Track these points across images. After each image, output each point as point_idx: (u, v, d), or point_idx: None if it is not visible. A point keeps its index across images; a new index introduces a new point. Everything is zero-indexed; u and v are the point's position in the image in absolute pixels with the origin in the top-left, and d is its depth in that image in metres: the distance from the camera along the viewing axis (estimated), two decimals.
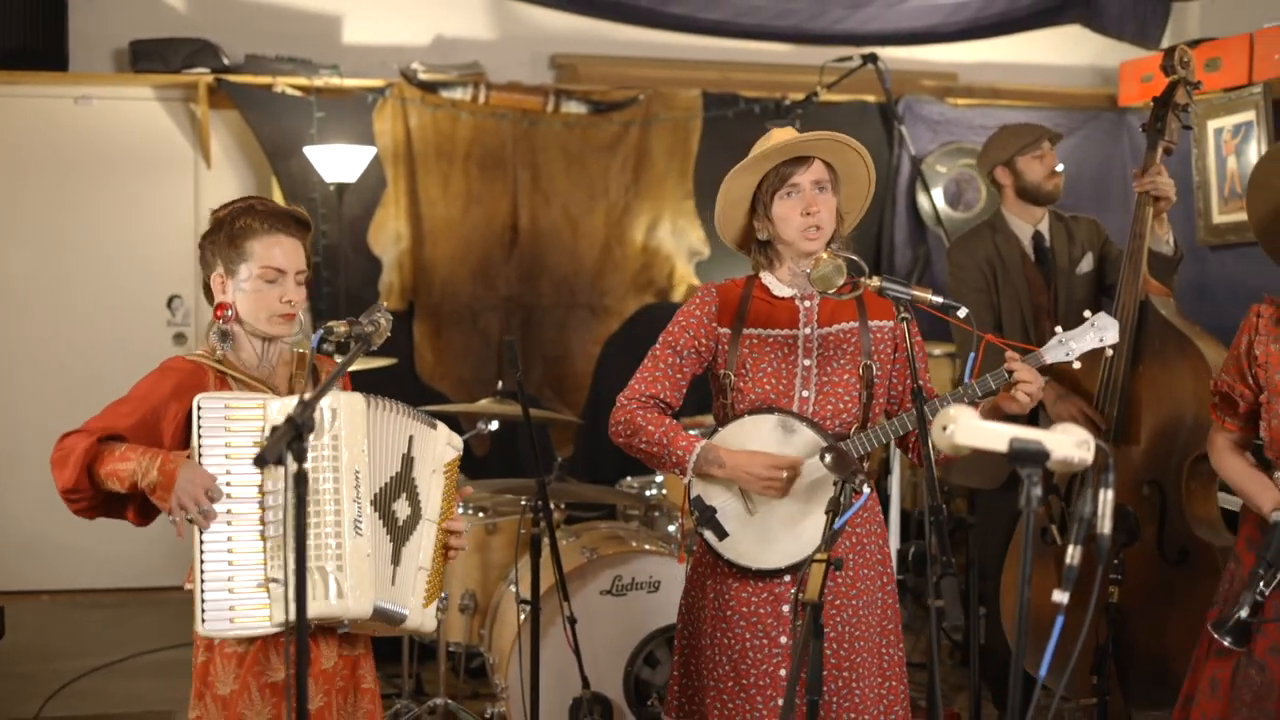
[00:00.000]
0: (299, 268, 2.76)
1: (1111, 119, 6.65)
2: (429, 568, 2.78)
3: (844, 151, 2.99)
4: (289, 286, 2.73)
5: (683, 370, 3.04)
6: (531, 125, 6.18)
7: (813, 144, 2.95)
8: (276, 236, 2.74)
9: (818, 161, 2.95)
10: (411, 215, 6.07)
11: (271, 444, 1.91)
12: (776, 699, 2.96)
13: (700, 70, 6.54)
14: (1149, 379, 4.11)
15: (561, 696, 3.99)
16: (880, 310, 3.05)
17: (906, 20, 6.52)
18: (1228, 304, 5.78)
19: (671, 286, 6.41)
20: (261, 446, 2.45)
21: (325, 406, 2.59)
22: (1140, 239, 4.14)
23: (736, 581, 3.00)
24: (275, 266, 2.72)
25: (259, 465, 1.92)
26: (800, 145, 2.94)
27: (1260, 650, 2.88)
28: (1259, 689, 2.87)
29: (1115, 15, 6.67)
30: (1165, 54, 4.27)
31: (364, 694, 2.84)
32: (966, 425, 1.90)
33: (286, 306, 2.72)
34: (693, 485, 3.00)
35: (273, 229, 2.74)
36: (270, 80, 5.89)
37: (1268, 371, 2.96)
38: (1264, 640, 2.87)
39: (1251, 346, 3.01)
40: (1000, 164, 4.66)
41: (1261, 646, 2.87)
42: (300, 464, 1.94)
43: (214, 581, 2.58)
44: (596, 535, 4.43)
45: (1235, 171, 5.70)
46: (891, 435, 2.96)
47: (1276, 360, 2.95)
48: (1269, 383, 2.95)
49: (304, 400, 2.02)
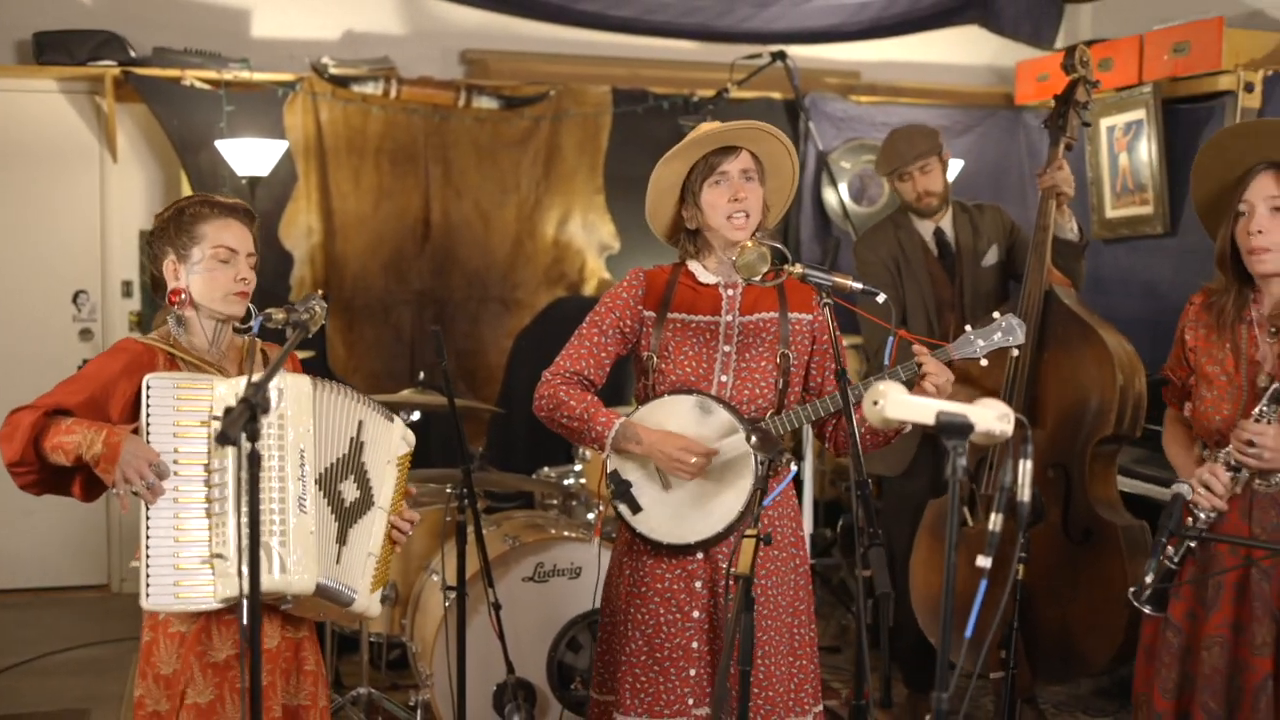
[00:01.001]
0: (249, 250, 2.87)
1: (1008, 116, 6.85)
2: (379, 554, 2.84)
3: (770, 143, 3.10)
4: (242, 266, 2.83)
5: (607, 349, 3.14)
6: (443, 120, 6.21)
7: (741, 133, 3.05)
8: (226, 220, 2.85)
9: (745, 151, 3.06)
10: (323, 209, 6.06)
11: (230, 422, 1.95)
12: (688, 670, 3.06)
13: (610, 67, 6.61)
14: (1053, 366, 4.27)
15: (485, 683, 4.05)
16: (800, 303, 3.17)
17: (811, 19, 6.65)
18: (1120, 296, 6.00)
19: (583, 280, 6.48)
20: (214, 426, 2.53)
21: (272, 386, 2.64)
22: (1044, 231, 4.30)
23: (650, 559, 3.10)
24: (228, 246, 2.82)
25: (221, 444, 1.96)
26: (729, 133, 3.04)
27: (1178, 615, 3.03)
28: (1176, 651, 3.02)
29: (1011, 17, 6.88)
30: (1066, 53, 4.44)
31: (306, 675, 2.89)
32: (896, 400, 2.00)
33: (241, 284, 2.82)
34: (611, 460, 3.10)
35: (222, 214, 2.86)
36: (179, 73, 5.84)
37: (1196, 356, 3.12)
38: (1181, 605, 3.02)
39: (1185, 333, 3.17)
40: (883, 176, 4.85)
41: (1179, 611, 3.02)
42: (253, 444, 1.98)
43: (159, 557, 2.61)
44: (517, 523, 4.48)
45: (1127, 168, 5.92)
46: (811, 417, 3.06)
47: (1204, 345, 3.10)
48: (1196, 366, 3.11)
49: (254, 381, 2.06)
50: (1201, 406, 3.07)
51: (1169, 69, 5.56)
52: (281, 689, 2.83)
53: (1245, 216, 2.96)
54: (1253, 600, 2.92)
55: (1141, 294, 5.93)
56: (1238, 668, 2.94)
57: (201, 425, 2.64)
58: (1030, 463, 2.03)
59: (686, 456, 3.00)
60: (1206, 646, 2.97)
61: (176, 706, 2.71)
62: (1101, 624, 4.09)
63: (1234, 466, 2.93)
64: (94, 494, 2.78)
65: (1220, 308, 3.05)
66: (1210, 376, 3.06)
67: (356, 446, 2.82)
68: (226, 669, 2.74)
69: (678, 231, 3.20)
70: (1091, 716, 4.88)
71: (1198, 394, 3.10)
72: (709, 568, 3.08)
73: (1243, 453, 2.89)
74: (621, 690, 3.10)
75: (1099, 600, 4.10)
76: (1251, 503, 2.96)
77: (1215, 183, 3.09)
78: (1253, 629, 2.91)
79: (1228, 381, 3.02)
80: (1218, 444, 3.03)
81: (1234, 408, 2.99)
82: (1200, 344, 3.12)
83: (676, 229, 3.21)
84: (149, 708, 2.73)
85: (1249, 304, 3.03)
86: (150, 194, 6.43)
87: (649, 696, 3.07)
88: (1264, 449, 2.86)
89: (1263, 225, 2.92)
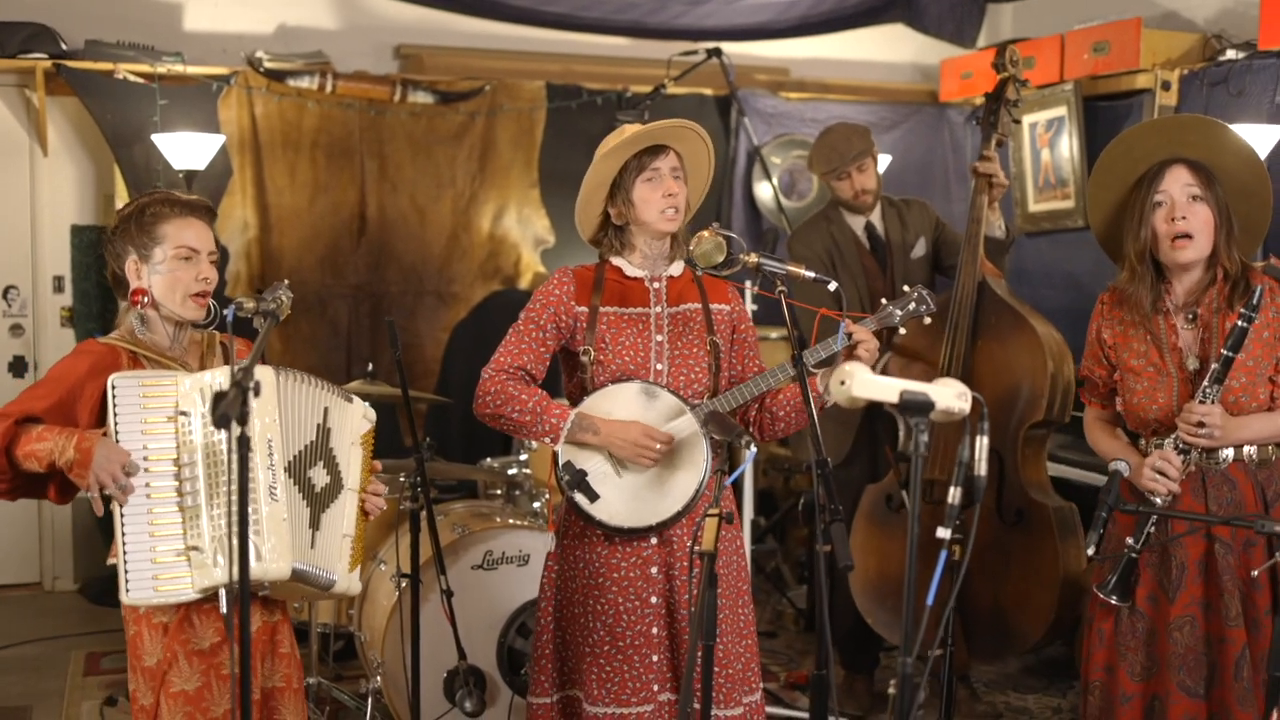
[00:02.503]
0: (210, 248, 2.89)
1: (933, 113, 7.01)
2: (354, 534, 2.89)
3: (694, 143, 3.23)
4: (204, 264, 2.85)
5: (546, 344, 3.20)
6: (378, 115, 6.23)
7: (669, 132, 3.16)
8: (187, 219, 2.87)
9: (673, 151, 3.18)
10: (258, 204, 6.06)
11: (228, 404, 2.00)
12: (651, 656, 3.14)
13: (543, 62, 6.67)
14: (987, 354, 4.41)
15: (436, 670, 4.10)
16: (718, 295, 3.30)
17: (741, 17, 6.77)
18: (1043, 287, 6.19)
19: (518, 274, 6.53)
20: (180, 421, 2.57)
21: None
22: (977, 224, 4.44)
23: (606, 549, 3.16)
24: (189, 245, 2.85)
25: (220, 426, 2.00)
26: (661, 132, 3.15)
27: (1140, 600, 3.14)
28: (1140, 635, 3.14)
29: (935, 16, 7.05)
30: (997, 52, 4.59)
31: (281, 658, 2.95)
32: (862, 379, 2.11)
33: (203, 284, 2.85)
34: (562, 452, 3.15)
35: (183, 213, 2.88)
36: (111, 67, 5.79)
37: (1118, 352, 3.23)
38: (1142, 590, 3.13)
39: (1100, 332, 3.29)
40: (819, 175, 4.97)
41: (1140, 595, 3.13)
42: (243, 426, 2.03)
43: (136, 552, 2.64)
44: (464, 512, 4.54)
45: (1049, 163, 6.10)
46: (753, 393, 3.15)
47: (1123, 340, 3.23)
48: (1120, 362, 3.23)
49: (243, 366, 2.11)
50: (1134, 399, 3.18)
51: (1089, 68, 5.74)
52: (260, 672, 2.89)
53: (1164, 206, 3.09)
54: (1220, 575, 3.04)
55: (1063, 285, 6.12)
56: (1213, 642, 3.06)
57: (169, 421, 2.67)
58: (986, 439, 2.14)
59: (651, 443, 3.07)
60: (1177, 627, 3.07)
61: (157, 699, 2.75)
62: (1033, 603, 4.24)
63: (1184, 449, 3.06)
64: (68, 496, 2.81)
65: (1136, 301, 3.17)
66: (1137, 370, 3.18)
67: (323, 433, 2.87)
68: (212, 655, 2.79)
69: (599, 232, 3.31)
70: (1021, 694, 5.03)
71: (1126, 388, 3.22)
72: (664, 552, 3.16)
73: (1194, 435, 3.02)
74: (589, 682, 3.15)
75: (1031, 579, 4.25)
76: (1205, 482, 3.09)
77: (1118, 181, 3.22)
78: (1224, 602, 3.03)
79: (1156, 372, 3.15)
80: (1154, 433, 3.16)
81: (1168, 396, 3.11)
82: (1119, 340, 3.24)
83: (599, 229, 3.31)
84: (140, 701, 2.77)
85: (1163, 295, 3.17)
86: (82, 188, 6.37)
87: (616, 686, 3.13)
88: (1214, 427, 2.99)
89: (1184, 212, 3.06)
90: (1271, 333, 3.06)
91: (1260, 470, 3.09)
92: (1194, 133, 3.15)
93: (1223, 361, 2.98)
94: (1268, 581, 3.03)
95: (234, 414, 1.97)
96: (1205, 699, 3.06)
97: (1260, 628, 3.01)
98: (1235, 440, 3.06)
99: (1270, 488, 3.09)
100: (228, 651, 2.78)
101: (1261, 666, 2.98)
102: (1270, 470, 3.09)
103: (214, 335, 3.02)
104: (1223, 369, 2.98)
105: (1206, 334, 3.11)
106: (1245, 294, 3.03)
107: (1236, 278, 3.10)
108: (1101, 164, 3.26)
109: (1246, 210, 3.16)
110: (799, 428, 3.25)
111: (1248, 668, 3.01)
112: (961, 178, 6.92)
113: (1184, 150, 3.12)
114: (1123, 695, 3.14)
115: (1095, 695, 3.22)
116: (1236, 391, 3.04)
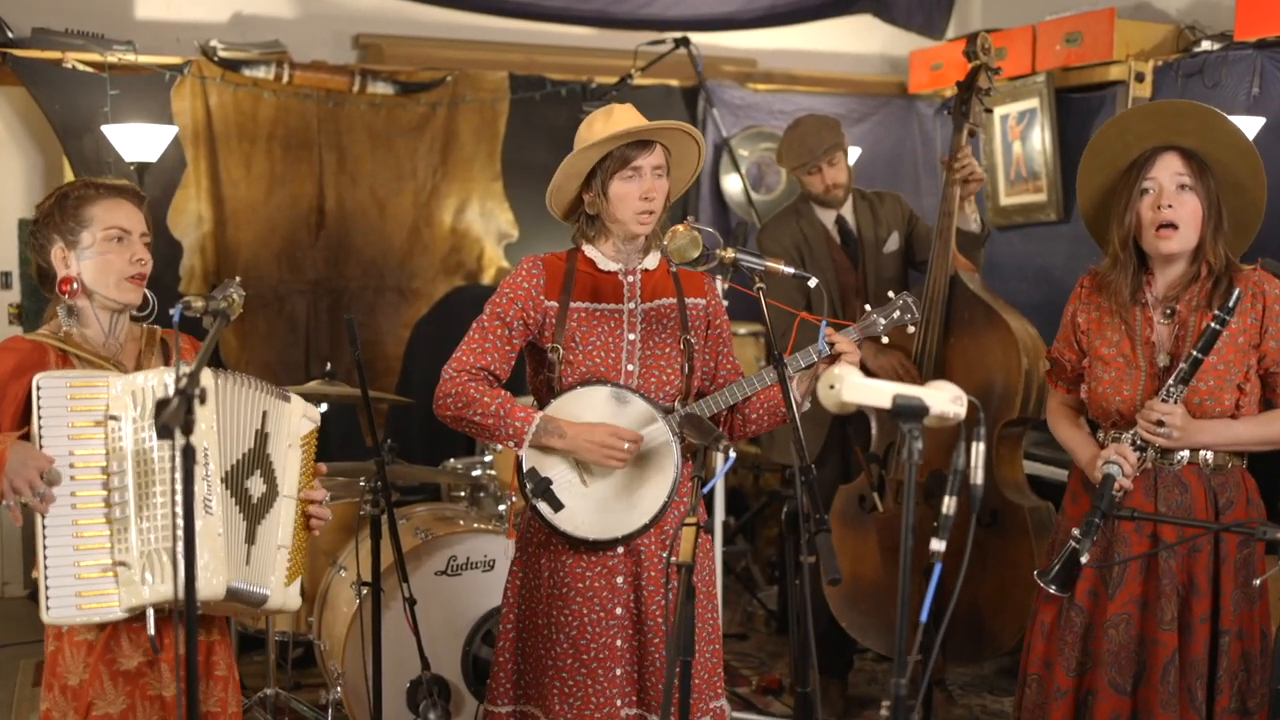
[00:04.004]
0: (142, 230, 2.73)
1: (902, 105, 6.92)
2: (289, 545, 2.73)
3: (683, 139, 3.07)
4: (137, 246, 2.69)
5: (512, 342, 3.04)
6: (337, 105, 6.06)
7: (662, 131, 3.01)
8: (116, 200, 2.72)
9: (659, 147, 3.02)
10: (213, 197, 5.89)
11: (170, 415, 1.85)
12: (614, 669, 3.01)
13: (506, 52, 6.53)
14: (959, 350, 4.32)
15: (399, 679, 3.97)
16: (693, 288, 3.16)
17: (707, 7, 6.66)
18: (1014, 280, 6.11)
19: (481, 269, 6.38)
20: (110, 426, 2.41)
21: (169, 384, 2.52)
22: (949, 217, 4.35)
23: (570, 558, 3.03)
24: (120, 226, 2.69)
25: (162, 437, 1.85)
26: (652, 131, 3.00)
27: (1080, 594, 3.09)
28: (1077, 630, 3.09)
29: (903, 7, 6.97)
30: (968, 40, 4.49)
31: (216, 681, 2.77)
32: (853, 383, 1.99)
33: (137, 265, 2.68)
34: (526, 458, 3.00)
35: (110, 194, 2.73)
36: (60, 56, 5.60)
37: (1090, 338, 3.16)
38: (1083, 584, 3.08)
39: (1075, 315, 3.20)
40: (789, 170, 4.86)
41: (1081, 590, 3.09)
42: (187, 436, 1.89)
43: (58, 567, 2.46)
44: (428, 517, 4.41)
45: (1020, 156, 6.02)
46: (736, 398, 3.04)
47: (1097, 327, 3.15)
48: (1090, 348, 3.16)
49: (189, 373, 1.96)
50: (1099, 388, 3.11)
51: (1061, 59, 5.66)
52: None
53: (1150, 194, 3.00)
54: (1160, 578, 2.99)
55: (1035, 280, 6.04)
56: (1145, 643, 3.02)
57: (97, 426, 2.49)
58: (983, 445, 2.03)
59: (618, 443, 2.94)
60: (1113, 625, 3.03)
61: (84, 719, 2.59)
62: (1010, 604, 4.15)
63: (1140, 446, 2.99)
64: None
65: (1115, 289, 3.09)
66: (1106, 358, 3.11)
67: (261, 439, 2.70)
68: (138, 677, 2.62)
69: (573, 212, 3.15)
70: (997, 696, 4.95)
71: (1093, 375, 3.15)
72: (630, 562, 3.03)
73: (1152, 433, 2.95)
74: (550, 698, 3.02)
75: (1007, 581, 4.16)
76: (1156, 481, 3.04)
77: (1109, 164, 3.13)
78: (1160, 605, 2.98)
79: (1125, 363, 3.08)
80: (1114, 425, 3.09)
81: (1134, 389, 3.05)
82: (1093, 326, 3.16)
83: (573, 210, 3.15)
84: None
85: (1143, 286, 3.08)
86: (30, 181, 6.18)
87: (579, 701, 3.00)
88: (1173, 428, 2.93)
89: (1172, 201, 2.98)
90: (1247, 339, 2.99)
91: (1215, 476, 3.03)
92: (1191, 120, 3.05)
93: (1190, 362, 2.91)
94: (1208, 589, 2.98)
95: (177, 424, 1.83)
96: (1132, 696, 3.03)
97: (1193, 633, 2.97)
98: (1193, 443, 3.00)
99: (1224, 495, 3.02)
100: (155, 673, 2.62)
101: (1191, 673, 2.96)
102: (1225, 477, 3.03)
103: (154, 330, 2.84)
104: (1190, 369, 2.91)
105: (1182, 331, 3.04)
106: (1227, 294, 2.94)
107: (1220, 275, 3.02)
108: (1093, 146, 3.17)
109: (1238, 206, 3.07)
110: (770, 429, 3.14)
111: (1175, 672, 2.97)
112: (931, 170, 6.84)
113: (1179, 138, 3.03)
114: (1057, 690, 3.10)
115: (1032, 688, 3.19)
116: (1203, 394, 2.97)
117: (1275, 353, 3.00)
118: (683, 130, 3.03)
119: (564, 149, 3.06)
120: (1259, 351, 3.00)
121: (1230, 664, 2.97)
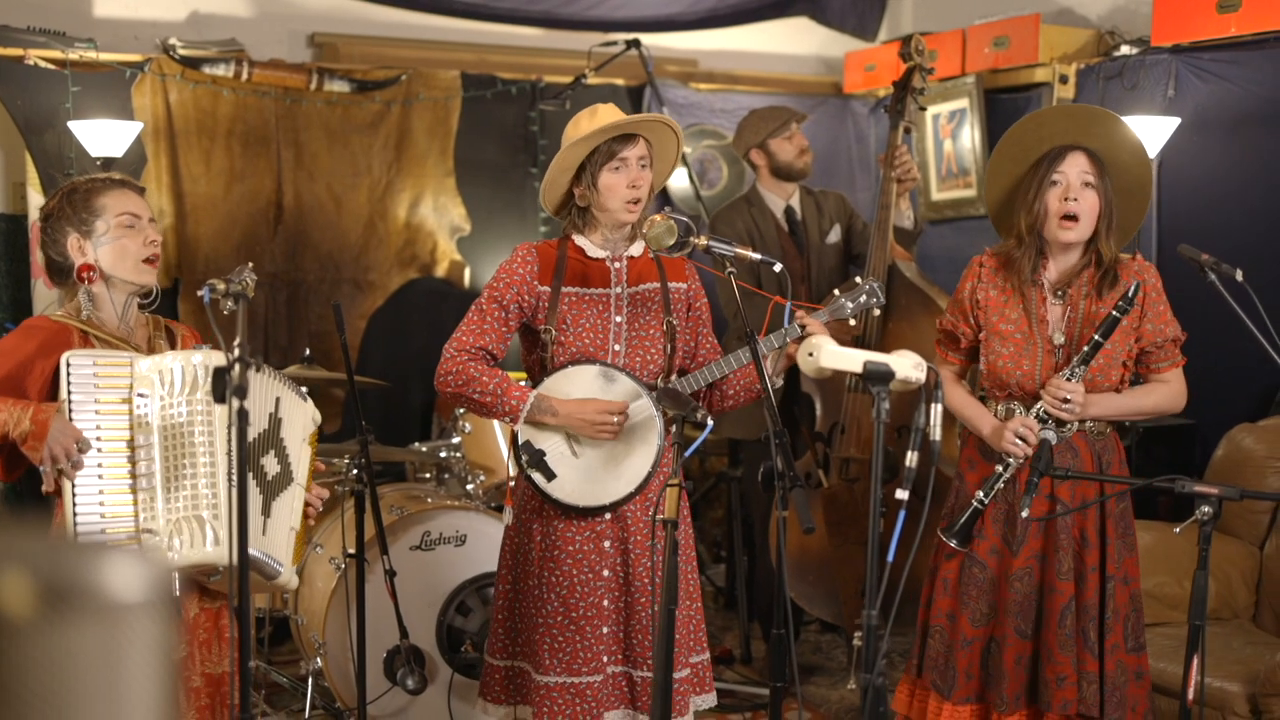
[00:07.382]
0: (150, 215, 2.93)
1: (837, 104, 7.21)
2: (299, 529, 2.95)
3: (664, 131, 3.32)
4: (149, 229, 2.88)
5: (508, 324, 3.29)
6: (294, 103, 6.24)
7: (646, 124, 3.28)
8: (122, 189, 2.92)
9: (643, 140, 3.27)
10: (174, 192, 6.04)
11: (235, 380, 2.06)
12: (602, 628, 3.27)
13: (458, 52, 6.73)
14: (898, 335, 4.61)
15: (376, 649, 4.17)
16: (675, 273, 3.42)
17: (652, 8, 6.91)
18: (946, 273, 6.39)
19: (435, 262, 6.58)
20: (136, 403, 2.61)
21: (198, 364, 2.73)
22: (886, 210, 4.65)
23: (562, 523, 3.28)
24: (131, 212, 2.88)
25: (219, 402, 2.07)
26: (637, 124, 3.26)
27: (982, 552, 3.44)
28: (982, 585, 3.43)
29: (837, 9, 7.28)
30: (903, 42, 4.80)
31: (228, 643, 2.96)
32: (829, 351, 2.26)
33: (152, 247, 2.88)
34: (521, 432, 3.25)
35: (116, 185, 2.92)
36: (21, 52, 5.72)
37: (988, 314, 3.48)
38: (984, 543, 3.44)
39: (974, 292, 3.51)
40: (754, 146, 5.10)
41: (983, 548, 3.44)
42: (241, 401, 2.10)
43: (87, 535, 2.64)
44: (399, 495, 4.61)
45: (951, 153, 6.34)
46: (714, 376, 3.29)
47: (996, 305, 3.47)
48: (988, 324, 3.47)
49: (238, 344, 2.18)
50: (999, 361, 3.43)
51: (990, 61, 5.99)
52: (202, 659, 2.91)
53: (1059, 186, 3.33)
54: (1058, 533, 3.35)
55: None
56: (1045, 592, 3.37)
57: (123, 403, 2.70)
58: (941, 406, 2.30)
59: (608, 417, 3.19)
60: (1018, 578, 3.37)
61: None
62: None
63: (1042, 418, 3.32)
64: (15, 471, 2.80)
65: (1019, 269, 3.41)
66: (1004, 334, 3.43)
67: (275, 422, 2.92)
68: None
69: (564, 207, 3.40)
70: None
71: (990, 349, 3.46)
72: (617, 528, 3.29)
73: (1057, 408, 3.28)
74: (540, 652, 3.26)
75: None
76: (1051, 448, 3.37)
77: (1022, 155, 3.44)
78: (1058, 558, 3.34)
79: (1024, 340, 3.40)
80: (1010, 396, 3.42)
81: (1033, 364, 3.38)
82: (992, 303, 3.48)
83: (564, 204, 3.40)
84: None
85: (1039, 269, 3.39)
86: None
87: (567, 656, 3.25)
88: (1075, 404, 3.27)
89: (1077, 194, 3.30)
90: (1131, 323, 3.33)
91: (1097, 441, 3.39)
92: (1100, 125, 3.40)
93: (1092, 345, 3.24)
94: (1097, 541, 3.34)
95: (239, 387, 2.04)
96: (1033, 640, 3.38)
97: (1086, 581, 3.34)
98: (1088, 415, 3.34)
99: (1105, 457, 3.40)
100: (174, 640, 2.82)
101: (1084, 616, 3.32)
102: (1105, 441, 3.41)
103: (158, 318, 3.05)
104: (1091, 352, 3.25)
105: (1074, 314, 3.38)
106: (1113, 284, 3.32)
107: (1108, 267, 3.37)
108: (1010, 137, 3.48)
109: (1125, 208, 3.43)
110: (747, 404, 3.41)
111: (1071, 617, 3.33)
112: (865, 167, 7.13)
113: (1087, 139, 3.36)
114: (963, 639, 3.43)
115: (935, 639, 3.50)
116: (1094, 371, 3.31)
117: (1150, 334, 3.37)
118: (663, 123, 3.29)
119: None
120: (1137, 333, 3.36)
121: (1118, 605, 3.35)
